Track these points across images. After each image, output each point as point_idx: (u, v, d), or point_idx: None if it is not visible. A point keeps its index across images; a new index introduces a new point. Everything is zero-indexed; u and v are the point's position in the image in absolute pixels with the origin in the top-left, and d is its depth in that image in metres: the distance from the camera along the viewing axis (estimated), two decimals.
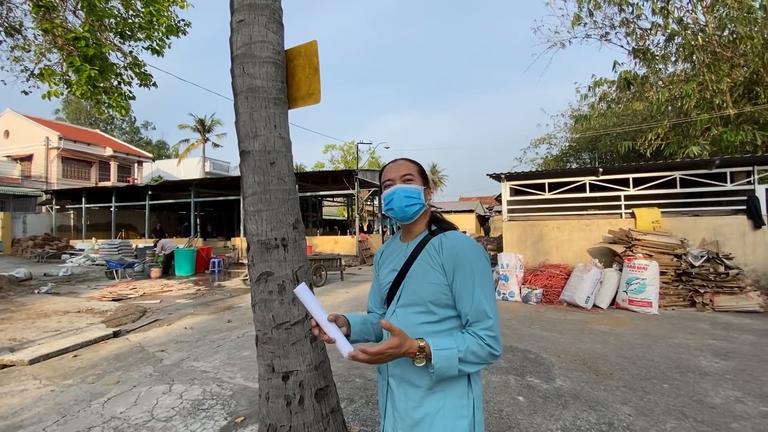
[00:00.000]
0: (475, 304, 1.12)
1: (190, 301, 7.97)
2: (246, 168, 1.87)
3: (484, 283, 1.14)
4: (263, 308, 1.82)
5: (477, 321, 1.12)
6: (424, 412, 1.16)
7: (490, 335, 1.10)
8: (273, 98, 1.88)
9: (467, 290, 1.13)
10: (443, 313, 1.18)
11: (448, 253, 1.16)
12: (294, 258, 1.87)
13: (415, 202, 1.25)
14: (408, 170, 1.28)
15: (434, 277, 1.17)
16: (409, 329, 1.18)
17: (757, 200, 7.62)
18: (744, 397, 3.26)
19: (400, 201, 1.25)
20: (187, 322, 6.19)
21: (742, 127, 11.01)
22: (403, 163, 1.31)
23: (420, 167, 1.33)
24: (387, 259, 1.37)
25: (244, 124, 1.86)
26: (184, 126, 35.97)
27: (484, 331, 1.11)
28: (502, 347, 1.13)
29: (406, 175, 1.27)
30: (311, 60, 2.00)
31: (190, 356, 4.50)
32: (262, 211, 1.83)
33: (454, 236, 1.21)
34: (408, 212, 1.25)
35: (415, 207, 1.25)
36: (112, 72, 6.83)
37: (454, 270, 1.15)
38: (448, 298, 1.17)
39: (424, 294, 1.18)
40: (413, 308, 1.21)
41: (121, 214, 21.85)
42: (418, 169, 1.32)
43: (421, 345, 1.07)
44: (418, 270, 1.21)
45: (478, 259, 1.16)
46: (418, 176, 1.28)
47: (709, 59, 11.54)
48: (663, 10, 12.36)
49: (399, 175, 1.27)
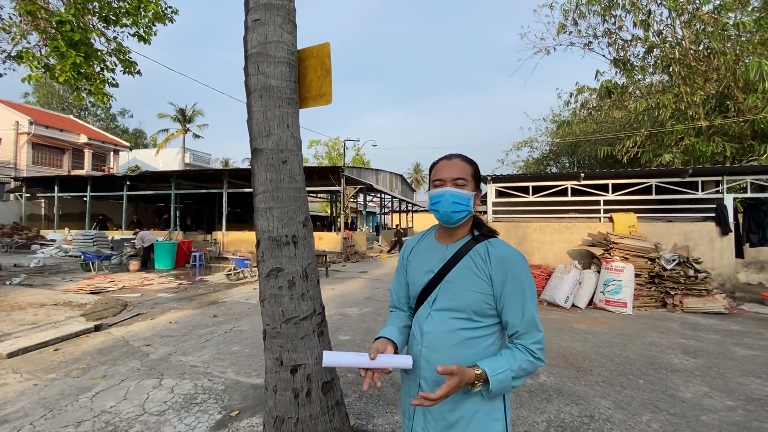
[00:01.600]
0: (526, 318, 1.15)
1: (173, 296, 7.83)
2: (258, 165, 1.90)
3: (533, 296, 1.18)
4: (273, 303, 1.86)
5: (527, 333, 1.16)
6: (459, 414, 1.17)
7: (540, 348, 1.16)
8: (287, 98, 1.92)
9: (517, 303, 1.16)
10: (485, 322, 1.20)
11: (497, 264, 1.18)
12: (303, 255, 1.92)
13: (463, 209, 1.22)
14: (461, 173, 1.23)
15: (479, 286, 1.18)
16: (447, 334, 1.20)
17: (725, 208, 8.06)
18: (711, 392, 3.50)
19: (447, 205, 1.21)
20: (171, 316, 6.10)
21: (713, 138, 11.58)
22: (457, 164, 1.25)
23: (475, 169, 1.28)
24: (419, 258, 1.33)
25: (258, 123, 1.89)
26: (163, 115, 34.97)
27: (536, 344, 1.15)
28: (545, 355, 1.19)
29: (459, 179, 1.23)
30: (323, 61, 2.05)
31: (177, 351, 4.46)
32: (274, 208, 1.87)
33: (502, 246, 1.22)
34: (453, 218, 1.23)
35: (461, 214, 1.23)
36: (97, 58, 6.64)
37: (503, 282, 1.16)
38: (491, 308, 1.18)
39: (466, 302, 1.18)
40: (452, 313, 1.20)
41: (96, 204, 21.10)
42: (473, 171, 1.27)
43: (477, 373, 1.10)
44: (460, 276, 1.20)
45: (527, 272, 1.19)
46: (471, 180, 1.24)
47: (684, 72, 12.07)
48: (644, 23, 12.86)
49: (451, 178, 1.22)
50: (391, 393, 3.36)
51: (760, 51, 10.50)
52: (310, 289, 1.92)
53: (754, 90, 10.24)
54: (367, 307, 6.78)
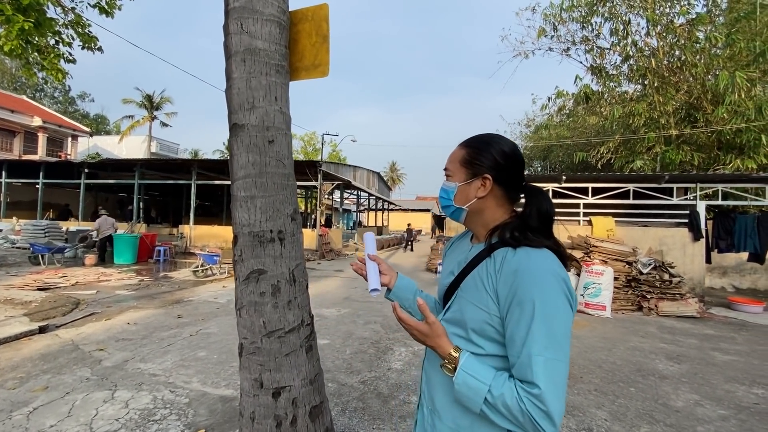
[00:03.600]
0: (522, 359, 0.83)
1: (133, 293, 7.21)
2: (238, 145, 1.57)
3: (548, 331, 0.82)
4: (252, 312, 1.54)
5: (521, 381, 0.83)
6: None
7: (535, 404, 0.79)
8: (275, 64, 1.59)
9: (519, 335, 0.84)
10: (488, 348, 0.92)
11: (506, 277, 0.88)
12: (291, 254, 1.60)
13: (446, 203, 1.05)
14: (449, 162, 1.06)
15: (484, 302, 0.91)
16: None
17: (698, 215, 8.29)
18: (702, 400, 3.44)
19: (439, 200, 1.08)
20: (129, 316, 5.55)
21: (682, 147, 11.99)
22: (453, 151, 1.07)
23: (470, 153, 1.02)
24: (450, 256, 1.16)
25: (239, 92, 1.55)
26: (128, 101, 33.05)
27: (528, 396, 0.81)
28: (557, 427, 0.80)
29: (446, 169, 1.07)
30: (320, 26, 1.73)
31: (135, 356, 3.99)
32: (257, 197, 1.54)
33: (524, 255, 0.89)
34: (447, 214, 1.08)
35: (448, 210, 1.06)
36: (50, 28, 5.95)
37: (509, 301, 0.87)
38: (495, 332, 0.91)
39: (468, 318, 0.94)
40: (454, 328, 0.98)
41: (50, 192, 19.59)
42: (464, 156, 1.02)
43: (453, 355, 0.90)
44: (470, 286, 0.97)
45: (548, 294, 0.84)
46: (459, 168, 1.03)
47: (658, 82, 12.43)
48: (621, 32, 13.17)
49: (444, 169, 1.08)
50: (377, 406, 3.08)
51: (729, 65, 10.92)
52: (298, 296, 1.60)
53: (722, 102, 10.63)
54: (345, 308, 6.46)
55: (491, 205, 1.02)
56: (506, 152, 1.01)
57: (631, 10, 13.20)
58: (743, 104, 10.27)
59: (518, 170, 1.03)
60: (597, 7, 13.45)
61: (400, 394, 3.30)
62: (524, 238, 0.94)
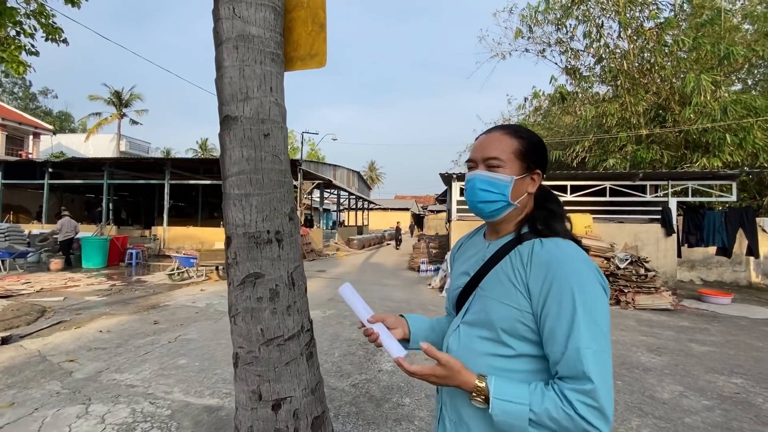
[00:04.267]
0: (569, 353, 0.78)
1: (104, 299, 6.85)
2: (231, 139, 1.45)
3: (591, 322, 0.78)
4: (249, 319, 1.43)
5: (570, 378, 0.78)
6: None
7: (586, 403, 0.74)
8: (270, 53, 1.49)
9: (561, 330, 0.79)
10: (520, 348, 0.87)
11: (538, 270, 0.84)
12: (290, 256, 1.50)
13: (494, 198, 0.92)
14: (496, 150, 0.92)
15: (513, 298, 0.86)
16: (471, 358, 0.90)
17: (669, 211, 8.62)
18: (686, 391, 3.53)
19: (473, 194, 0.93)
20: (102, 323, 5.25)
21: (652, 146, 12.45)
22: (495, 137, 0.94)
23: (524, 145, 0.93)
24: (462, 257, 1.08)
25: (231, 82, 1.44)
26: (95, 97, 31.60)
27: (578, 395, 0.75)
28: (610, 424, 0.76)
29: (492, 158, 0.92)
30: (316, 14, 1.63)
31: (110, 367, 3.76)
32: (252, 195, 1.44)
33: (554, 246, 0.86)
34: (482, 210, 0.94)
35: (494, 205, 0.92)
36: (11, 18, 5.56)
37: (544, 296, 0.82)
38: (528, 330, 0.85)
39: (496, 317, 0.88)
40: (479, 330, 0.92)
41: (10, 194, 18.46)
42: (517, 147, 0.93)
43: (479, 386, 0.81)
44: (494, 283, 0.91)
45: (586, 283, 0.80)
46: (512, 160, 0.92)
47: (629, 83, 12.87)
48: (595, 35, 13.57)
49: (482, 157, 0.93)
50: (371, 410, 3.00)
51: (695, 68, 11.41)
52: (297, 300, 1.51)
53: (688, 103, 11.09)
54: (330, 310, 6.34)
55: (530, 201, 0.98)
56: (545, 146, 1.00)
57: (603, 13, 13.62)
58: (709, 105, 10.75)
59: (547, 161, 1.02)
60: (571, 9, 13.80)
61: (392, 397, 3.23)
62: (550, 230, 0.91)
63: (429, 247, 12.32)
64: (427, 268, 11.01)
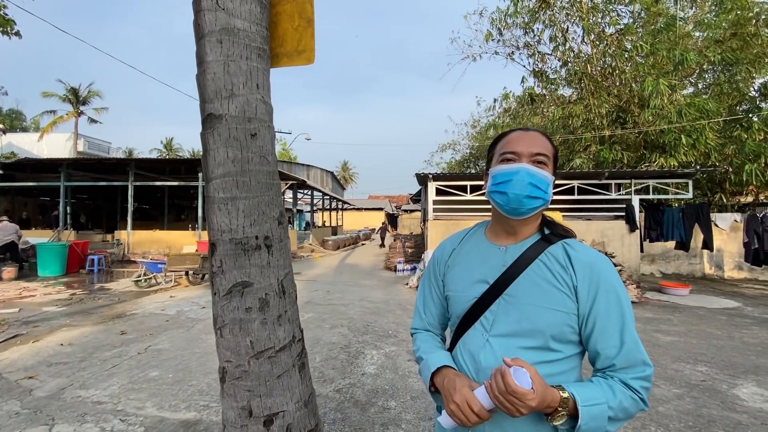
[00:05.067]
0: (627, 348, 0.86)
1: (64, 309, 6.42)
2: (215, 139, 1.36)
3: (631, 316, 0.90)
4: (237, 331, 1.35)
5: (629, 367, 0.86)
6: None
7: (645, 387, 0.86)
8: (257, 47, 1.41)
9: (613, 327, 0.87)
10: (566, 351, 0.90)
11: (583, 272, 0.89)
12: (280, 262, 1.43)
13: (540, 195, 0.92)
14: (544, 148, 0.94)
15: (559, 302, 0.88)
16: None
17: (633, 208, 9.05)
18: (656, 380, 3.69)
19: (522, 187, 0.89)
20: (62, 336, 4.91)
21: (614, 146, 13.03)
22: (538, 138, 0.95)
23: (556, 150, 0.99)
24: (465, 262, 1.02)
25: (215, 78, 1.35)
26: (49, 94, 29.65)
27: (640, 381, 0.85)
28: None
29: (540, 155, 0.92)
30: (303, 8, 1.57)
31: (73, 383, 3.50)
32: (238, 198, 1.36)
33: (587, 250, 0.94)
34: (526, 205, 0.91)
35: (537, 202, 0.92)
36: None
37: (593, 296, 0.88)
38: (572, 332, 0.89)
39: (543, 324, 0.88)
40: (521, 340, 0.89)
41: None
42: (554, 151, 0.98)
43: (564, 396, 0.79)
44: (532, 288, 0.90)
45: (620, 283, 0.91)
46: (550, 160, 0.95)
47: (593, 86, 13.43)
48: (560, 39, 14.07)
49: (529, 152, 0.92)
50: (356, 415, 2.95)
51: (653, 72, 12.03)
52: (288, 309, 1.44)
53: (647, 106, 11.69)
54: (308, 313, 6.22)
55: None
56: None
57: (568, 18, 14.14)
58: (666, 108, 11.37)
59: None
60: (538, 14, 14.25)
61: (378, 401, 3.19)
62: (564, 231, 0.99)
63: (405, 246, 12.36)
64: (404, 267, 11.03)
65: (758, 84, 12.71)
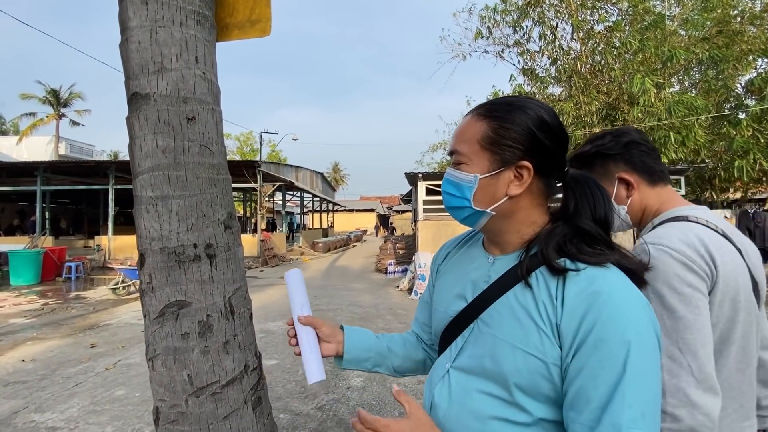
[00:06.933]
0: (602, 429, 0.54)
1: (33, 320, 6.04)
2: (141, 123, 1.10)
3: (643, 392, 0.55)
4: (171, 363, 1.08)
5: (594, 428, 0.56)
6: None
7: None
8: (194, 11, 1.15)
9: (597, 392, 0.56)
10: (537, 411, 0.62)
11: (575, 307, 0.59)
12: (227, 276, 1.17)
13: (458, 204, 0.71)
14: (459, 141, 0.72)
15: (535, 344, 0.61)
16: (470, 423, 0.64)
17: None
18: None
19: (445, 198, 0.75)
20: (25, 351, 4.56)
21: None
22: (464, 122, 0.73)
23: (497, 123, 0.68)
24: (453, 270, 0.82)
25: (140, 48, 1.09)
26: (28, 96, 28.82)
27: None
28: None
29: (455, 153, 0.72)
30: None
31: (28, 405, 3.18)
32: (171, 198, 1.09)
33: (598, 276, 0.60)
34: (458, 217, 0.73)
35: (462, 212, 0.71)
36: None
37: (579, 340, 0.58)
38: (551, 388, 0.61)
39: (509, 368, 0.62)
40: (480, 382, 0.66)
41: None
42: (487, 131, 0.68)
43: None
44: (504, 317, 0.65)
45: (643, 338, 0.56)
46: (478, 151, 0.68)
47: (582, 84, 13.37)
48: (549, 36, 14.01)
49: (449, 150, 0.75)
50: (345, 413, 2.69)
51: (641, 69, 12.00)
52: (238, 333, 1.18)
53: (636, 103, 11.65)
54: None
55: (526, 204, 0.69)
56: (548, 123, 0.68)
57: (557, 16, 14.08)
58: (655, 105, 11.32)
59: (563, 150, 0.70)
60: (527, 11, 14.16)
61: None
62: (580, 251, 0.63)
63: (396, 248, 12.13)
64: (395, 269, 10.80)
65: (744, 81, 12.80)
